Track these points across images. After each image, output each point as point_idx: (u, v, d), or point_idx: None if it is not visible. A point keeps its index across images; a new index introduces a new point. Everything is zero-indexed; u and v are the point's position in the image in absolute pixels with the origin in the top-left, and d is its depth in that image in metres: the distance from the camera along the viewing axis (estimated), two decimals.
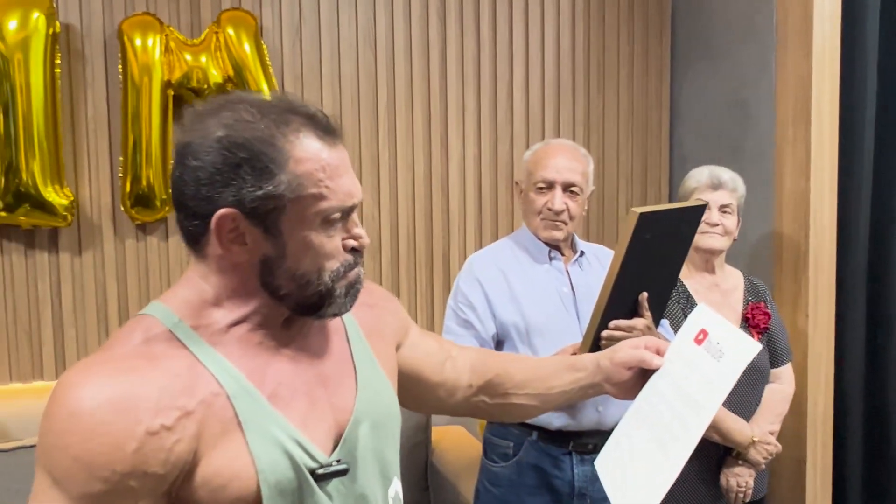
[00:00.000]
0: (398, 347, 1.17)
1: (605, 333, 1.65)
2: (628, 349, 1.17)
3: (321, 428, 0.94)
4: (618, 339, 1.64)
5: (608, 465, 1.10)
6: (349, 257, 0.93)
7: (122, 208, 2.35)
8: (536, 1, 2.81)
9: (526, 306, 1.83)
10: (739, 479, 2.07)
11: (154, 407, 0.81)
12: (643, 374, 1.16)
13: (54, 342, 2.36)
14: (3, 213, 2.22)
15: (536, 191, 1.87)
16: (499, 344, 1.87)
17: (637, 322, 1.67)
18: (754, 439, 2.03)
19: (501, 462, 1.90)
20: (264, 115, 0.87)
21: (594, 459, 1.82)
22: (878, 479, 2.61)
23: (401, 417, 1.07)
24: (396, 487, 1.05)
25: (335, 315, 0.96)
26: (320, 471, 0.90)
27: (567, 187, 1.84)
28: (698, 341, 1.06)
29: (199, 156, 0.86)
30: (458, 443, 2.57)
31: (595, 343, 1.67)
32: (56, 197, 2.24)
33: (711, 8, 2.82)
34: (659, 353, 1.14)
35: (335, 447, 0.95)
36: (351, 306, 0.96)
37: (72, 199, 2.28)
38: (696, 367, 1.03)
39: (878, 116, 2.48)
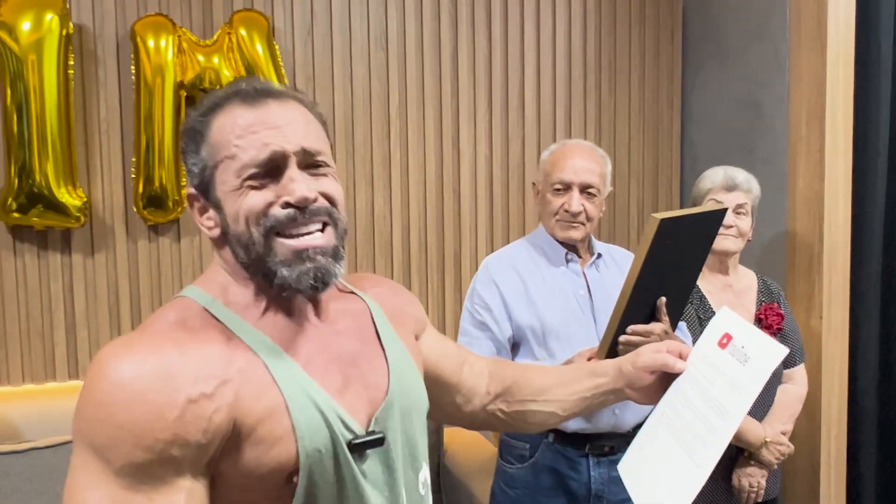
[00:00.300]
0: (416, 338, 1.15)
1: (622, 339, 1.64)
2: (651, 353, 1.16)
3: (355, 401, 0.94)
4: (635, 345, 1.62)
5: (632, 469, 1.09)
6: (282, 213, 0.89)
7: (135, 209, 2.35)
8: (548, 1, 2.80)
9: (542, 308, 1.82)
10: (752, 479, 2.06)
11: (193, 376, 0.83)
12: (665, 379, 1.14)
13: (67, 343, 2.36)
14: (17, 215, 2.22)
15: (553, 192, 1.85)
16: (514, 346, 1.86)
17: (654, 327, 1.66)
18: (767, 440, 2.03)
19: (518, 463, 1.90)
20: (205, 103, 0.95)
21: (611, 462, 1.83)
22: (892, 481, 2.60)
23: (427, 402, 1.06)
24: (426, 473, 1.04)
25: (296, 291, 0.91)
26: (356, 441, 0.90)
27: (584, 188, 1.82)
28: (722, 345, 1.04)
29: (182, 145, 0.96)
30: (469, 444, 2.56)
31: (612, 348, 1.66)
32: (69, 198, 2.24)
33: (723, 8, 2.81)
34: (681, 356, 1.13)
35: (368, 425, 0.94)
36: (308, 286, 0.91)
37: (85, 200, 2.28)
38: (721, 371, 1.02)
39: (892, 117, 2.47)
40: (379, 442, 0.92)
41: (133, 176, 2.33)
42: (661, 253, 1.56)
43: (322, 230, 0.92)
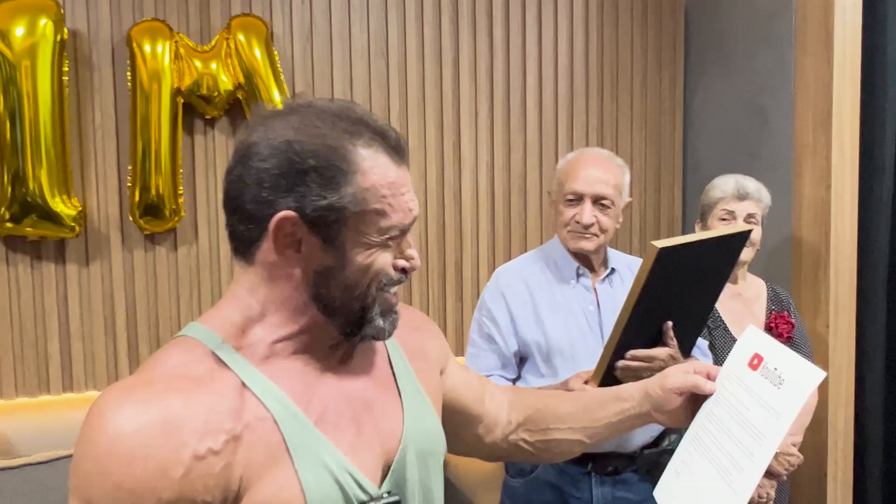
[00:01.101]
0: (441, 373, 1.11)
1: (621, 364, 1.59)
2: (680, 374, 1.11)
3: (369, 456, 0.90)
4: (634, 370, 1.59)
5: (669, 495, 1.05)
6: (396, 275, 0.90)
7: (131, 218, 2.30)
8: (549, 6, 2.77)
9: (549, 325, 1.79)
10: (760, 489, 2.04)
11: (201, 429, 0.77)
12: (693, 401, 1.10)
13: (61, 355, 2.31)
14: (10, 224, 2.16)
15: (566, 203, 1.80)
16: (521, 361, 1.83)
17: (659, 352, 1.60)
18: (777, 451, 2.00)
19: (519, 478, 1.87)
20: (336, 123, 0.85)
21: (614, 482, 1.79)
22: None
23: (445, 444, 1.02)
24: None
25: (374, 338, 0.93)
26: (368, 501, 0.86)
27: (597, 200, 1.77)
28: (753, 366, 1.01)
29: (266, 157, 0.83)
30: (473, 458, 2.52)
31: (608, 372, 1.61)
32: (63, 207, 2.19)
33: (726, 13, 2.79)
34: (709, 377, 1.08)
35: (383, 477, 0.91)
36: (390, 333, 0.92)
37: (79, 209, 2.23)
38: (755, 394, 0.98)
39: None
40: (395, 503, 0.89)
41: (129, 184, 2.29)
42: (664, 279, 1.49)
43: None
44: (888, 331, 2.53)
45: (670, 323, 1.60)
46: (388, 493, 0.89)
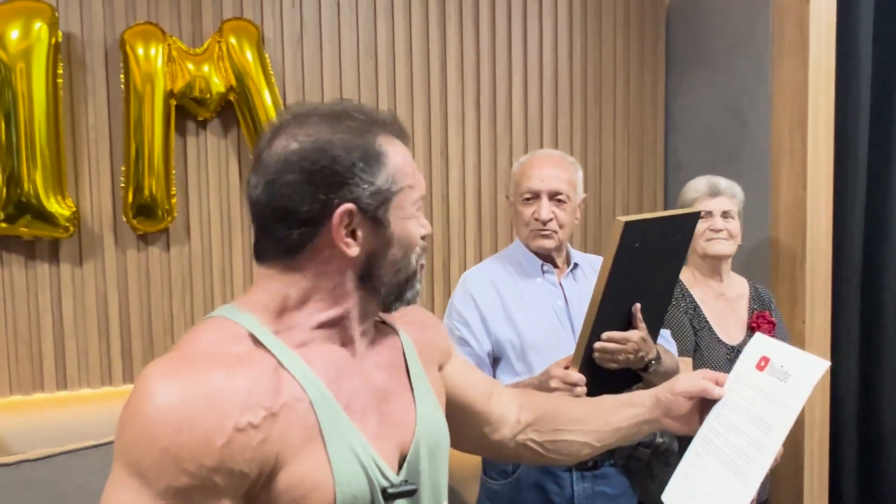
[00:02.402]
0: (440, 368, 1.15)
1: (598, 345, 1.64)
2: (688, 379, 1.16)
3: (388, 446, 0.95)
4: (611, 352, 1.64)
5: (678, 496, 1.10)
6: (423, 243, 1.00)
7: (124, 218, 2.33)
8: (535, 11, 2.83)
9: (520, 322, 1.82)
10: None
11: (242, 403, 0.81)
12: (702, 406, 1.15)
13: (55, 354, 2.33)
14: (4, 224, 2.18)
15: (523, 202, 1.85)
16: (495, 361, 1.85)
17: (632, 334, 1.66)
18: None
19: (501, 479, 1.88)
20: (355, 120, 0.93)
21: (594, 476, 1.83)
22: (872, 483, 2.66)
23: (449, 439, 1.06)
24: None
25: (409, 302, 1.00)
26: (391, 489, 0.91)
27: (553, 195, 1.83)
28: (760, 368, 1.06)
29: (314, 160, 0.89)
30: (453, 457, 2.56)
31: (587, 356, 1.65)
32: (58, 207, 2.22)
33: (706, 18, 2.86)
34: (718, 383, 1.14)
35: (399, 466, 0.96)
36: (418, 293, 1.01)
37: (73, 209, 2.25)
38: (763, 391, 1.03)
39: (871, 126, 2.54)
40: (411, 492, 0.93)
41: (122, 185, 2.32)
42: (630, 257, 1.55)
43: None
44: (861, 326, 2.62)
45: (638, 305, 1.66)
46: (405, 481, 0.94)
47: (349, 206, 0.89)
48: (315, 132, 0.90)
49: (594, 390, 1.67)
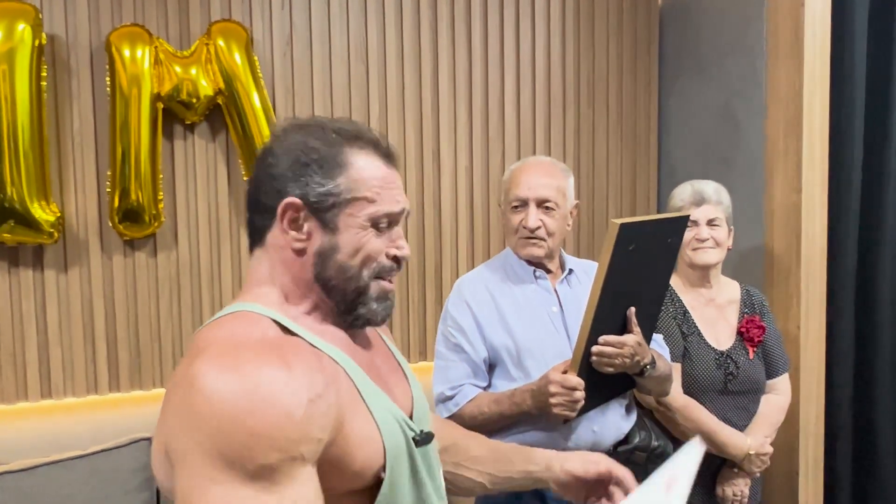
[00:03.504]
0: None
1: (595, 349, 1.64)
2: (581, 462, 1.25)
3: (401, 406, 1.06)
4: (608, 356, 1.64)
5: None
6: (388, 263, 1.05)
7: (110, 224, 2.29)
8: (527, 14, 2.81)
9: (515, 328, 1.81)
10: (735, 487, 2.09)
11: (306, 379, 0.88)
12: (593, 486, 1.23)
13: (39, 362, 2.29)
14: None
15: (512, 210, 1.84)
16: (491, 367, 1.84)
17: (627, 338, 1.66)
18: (750, 452, 2.04)
19: None
20: (338, 132, 1.03)
21: None
22: (866, 487, 2.65)
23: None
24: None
25: (368, 322, 1.05)
26: (417, 438, 1.04)
27: (541, 203, 1.81)
28: (665, 485, 1.05)
29: (278, 157, 1.02)
30: None
31: (585, 359, 1.65)
32: (42, 213, 2.17)
33: (700, 21, 2.84)
34: (612, 474, 1.21)
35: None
36: (383, 319, 1.06)
37: (58, 215, 2.21)
38: (657, 488, 1.04)
39: (866, 129, 2.53)
40: (430, 438, 1.07)
41: (108, 189, 2.27)
42: (625, 260, 1.54)
43: None
44: (856, 330, 2.61)
45: (633, 309, 1.66)
46: (422, 431, 1.06)
47: (294, 200, 0.99)
48: (294, 137, 1.03)
49: (591, 395, 1.67)
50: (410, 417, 1.09)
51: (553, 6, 2.85)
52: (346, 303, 1.03)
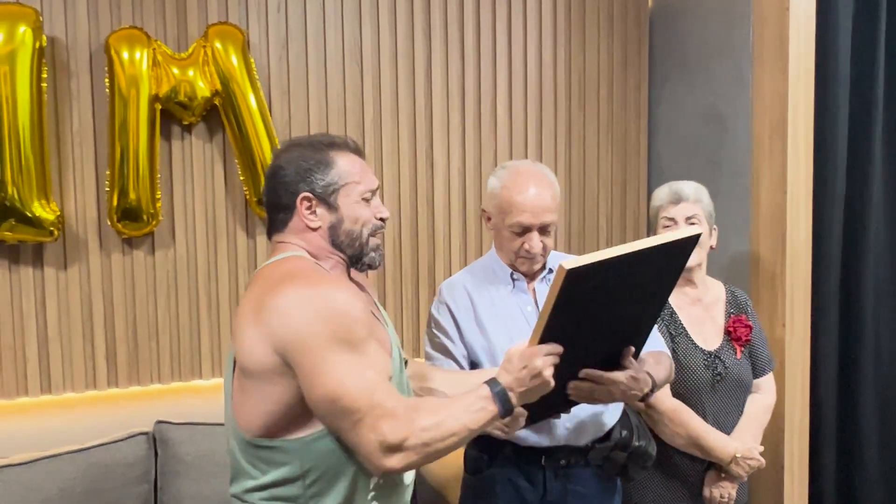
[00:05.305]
0: None
1: (572, 384, 1.53)
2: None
3: None
4: (586, 390, 1.54)
5: None
6: (377, 223, 1.49)
7: (109, 222, 2.33)
8: (519, 16, 2.85)
9: (490, 329, 1.83)
10: (722, 490, 2.09)
11: (357, 293, 1.43)
12: None
13: (39, 358, 2.33)
14: None
15: (511, 233, 1.80)
16: (472, 366, 1.86)
17: (616, 375, 1.55)
18: (737, 455, 2.04)
19: (476, 474, 1.91)
20: (320, 142, 1.47)
21: (566, 475, 1.83)
22: (852, 485, 2.69)
23: None
24: None
25: (370, 266, 1.50)
26: (406, 359, 1.57)
27: (543, 228, 1.80)
28: None
29: (284, 168, 1.44)
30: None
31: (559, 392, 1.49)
32: (42, 212, 2.22)
33: (688, 24, 2.89)
34: None
35: None
36: (379, 263, 1.50)
37: (58, 213, 2.25)
38: None
39: (850, 131, 2.57)
40: (406, 363, 1.58)
41: (107, 189, 2.32)
42: (579, 298, 1.37)
43: None
44: (840, 329, 2.65)
45: (632, 349, 1.59)
46: (406, 360, 1.55)
47: (306, 193, 1.41)
48: (290, 153, 1.46)
49: (533, 412, 1.53)
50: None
51: (544, 9, 2.89)
52: (354, 255, 1.46)
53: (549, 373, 1.34)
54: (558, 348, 1.38)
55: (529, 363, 1.33)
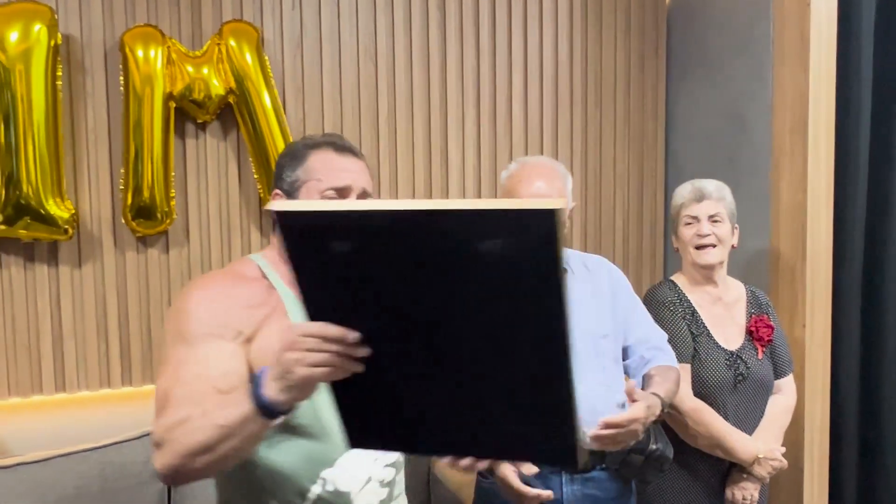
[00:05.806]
0: None
1: (592, 433, 1.56)
2: None
3: None
4: (612, 439, 1.59)
5: None
6: None
7: (123, 220, 2.33)
8: (535, 13, 2.83)
9: None
10: (745, 492, 2.07)
11: (248, 294, 1.36)
12: None
13: (54, 356, 2.33)
14: (3, 227, 2.18)
15: None
16: None
17: (636, 413, 1.59)
18: (759, 456, 2.03)
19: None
20: (306, 141, 1.46)
21: (584, 479, 1.82)
22: (873, 487, 2.65)
23: None
24: None
25: None
26: None
27: None
28: None
29: (277, 166, 1.47)
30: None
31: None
32: (57, 210, 2.22)
33: (707, 21, 2.85)
34: None
35: None
36: None
37: (72, 211, 2.25)
38: None
39: (872, 129, 2.53)
40: None
41: (121, 187, 2.32)
42: (333, 263, 0.93)
43: None
44: (862, 330, 2.61)
45: (633, 382, 1.61)
46: None
47: (276, 190, 1.44)
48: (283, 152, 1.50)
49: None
50: None
51: (561, 6, 2.87)
52: None
53: (303, 356, 0.97)
54: (330, 329, 0.95)
55: (283, 341, 1.00)
